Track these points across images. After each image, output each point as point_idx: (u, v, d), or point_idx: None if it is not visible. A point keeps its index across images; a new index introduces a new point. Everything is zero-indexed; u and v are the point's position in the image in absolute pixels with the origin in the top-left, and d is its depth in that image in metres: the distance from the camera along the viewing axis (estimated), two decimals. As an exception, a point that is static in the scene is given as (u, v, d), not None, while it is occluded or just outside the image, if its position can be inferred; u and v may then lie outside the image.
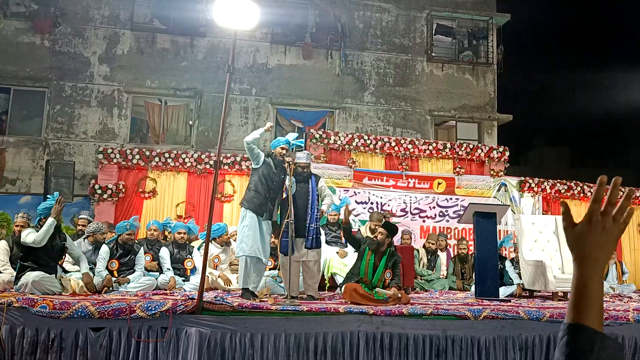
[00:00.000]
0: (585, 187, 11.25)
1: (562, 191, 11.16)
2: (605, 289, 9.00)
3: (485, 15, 16.42)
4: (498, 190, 10.91)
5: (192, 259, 7.29)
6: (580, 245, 0.99)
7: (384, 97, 15.42)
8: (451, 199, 10.50)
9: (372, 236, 6.29)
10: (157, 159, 10.15)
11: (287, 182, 6.11)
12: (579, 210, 11.25)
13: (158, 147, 12.39)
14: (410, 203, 10.38)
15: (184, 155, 10.29)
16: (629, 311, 6.19)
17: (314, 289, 6.41)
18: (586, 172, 20.24)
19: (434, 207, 10.42)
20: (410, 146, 11.11)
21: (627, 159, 32.13)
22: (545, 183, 11.20)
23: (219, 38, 14.16)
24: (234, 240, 7.75)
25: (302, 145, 6.73)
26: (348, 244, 7.50)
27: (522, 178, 11.25)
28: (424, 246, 9.22)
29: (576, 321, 0.90)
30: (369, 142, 10.99)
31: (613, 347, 0.89)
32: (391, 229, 6.34)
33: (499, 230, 9.69)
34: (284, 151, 6.18)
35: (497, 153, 11.47)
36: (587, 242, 0.98)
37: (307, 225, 6.23)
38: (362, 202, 10.13)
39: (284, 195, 6.18)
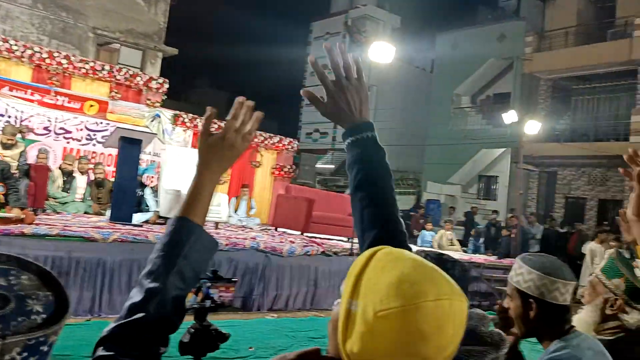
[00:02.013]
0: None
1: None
2: (234, 222, 10.02)
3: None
4: (152, 120, 10.97)
5: None
6: (208, 155, 1.07)
7: (42, 2, 13.88)
8: (102, 123, 10.13)
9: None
10: None
11: None
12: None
13: None
14: (56, 122, 9.68)
15: None
16: (247, 239, 7.10)
17: None
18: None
19: (81, 130, 9.91)
20: (64, 61, 10.32)
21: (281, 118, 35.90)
22: (198, 120, 11.69)
23: None
24: None
25: None
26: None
27: (177, 112, 11.54)
28: (60, 167, 8.75)
29: (184, 215, 1.01)
30: (15, 48, 9.83)
31: (208, 240, 1.02)
32: None
33: (145, 159, 9.84)
34: None
35: (156, 84, 11.50)
36: (216, 154, 1.07)
37: None
38: (-3, 114, 9.04)
39: None
